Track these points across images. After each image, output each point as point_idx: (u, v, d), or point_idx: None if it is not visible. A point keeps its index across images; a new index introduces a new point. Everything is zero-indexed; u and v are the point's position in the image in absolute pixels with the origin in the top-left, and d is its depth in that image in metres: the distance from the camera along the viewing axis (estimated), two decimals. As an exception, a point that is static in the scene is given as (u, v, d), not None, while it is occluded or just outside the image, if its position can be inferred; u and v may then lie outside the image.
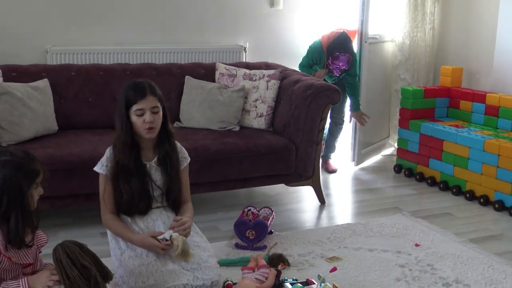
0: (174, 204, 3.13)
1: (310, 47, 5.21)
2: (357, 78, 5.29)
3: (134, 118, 2.94)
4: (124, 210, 3.04)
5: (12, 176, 2.39)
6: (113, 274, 2.57)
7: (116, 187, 3.02)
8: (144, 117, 2.93)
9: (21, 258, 2.50)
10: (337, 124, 5.44)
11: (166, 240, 2.83)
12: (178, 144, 3.16)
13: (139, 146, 3.02)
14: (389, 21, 5.89)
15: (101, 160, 3.05)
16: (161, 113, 2.99)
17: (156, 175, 3.07)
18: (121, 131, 2.96)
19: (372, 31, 5.51)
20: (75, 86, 4.35)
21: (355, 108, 5.31)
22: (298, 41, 5.56)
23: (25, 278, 2.43)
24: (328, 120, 5.22)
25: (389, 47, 5.92)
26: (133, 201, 3.02)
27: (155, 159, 3.08)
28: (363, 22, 5.35)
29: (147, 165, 3.05)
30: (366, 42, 5.40)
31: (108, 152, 3.06)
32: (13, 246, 2.43)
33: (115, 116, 3.00)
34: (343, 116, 5.46)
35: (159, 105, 2.98)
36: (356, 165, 5.60)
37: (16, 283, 2.41)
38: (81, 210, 4.06)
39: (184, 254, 2.79)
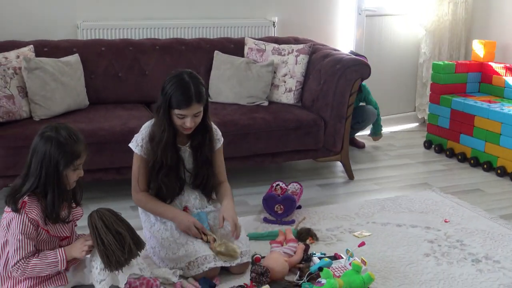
0: (202, 188, 3.17)
1: None
2: (374, 104, 5.24)
3: (174, 117, 2.91)
4: (160, 197, 3.08)
5: (52, 153, 2.44)
6: (145, 243, 2.62)
7: (153, 179, 3.04)
8: (185, 120, 2.91)
9: (58, 231, 2.57)
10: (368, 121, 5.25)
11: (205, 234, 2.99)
12: (213, 126, 3.15)
13: (176, 132, 3.01)
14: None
15: (136, 138, 3.05)
16: (202, 114, 2.96)
17: (189, 160, 3.10)
18: (162, 131, 2.93)
19: (390, 4, 5.60)
20: (105, 61, 4.39)
21: (375, 133, 5.35)
22: (327, 15, 5.52)
23: (62, 248, 2.51)
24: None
25: (410, 21, 5.86)
26: (169, 193, 3.06)
27: (189, 144, 3.09)
28: None
29: (181, 149, 3.07)
30: (360, 14, 5.45)
31: (144, 131, 3.04)
32: (49, 220, 2.50)
33: (155, 105, 2.98)
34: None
35: (202, 109, 2.94)
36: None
37: (53, 252, 2.49)
38: (111, 184, 4.12)
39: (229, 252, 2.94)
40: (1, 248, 2.54)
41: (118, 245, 2.45)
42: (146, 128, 3.06)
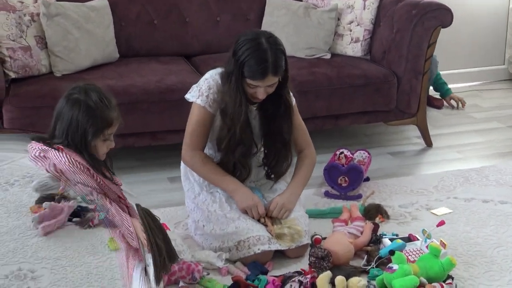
0: (272, 167, 3.17)
1: None
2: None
3: (245, 84, 2.90)
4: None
5: (80, 119, 2.42)
6: (178, 257, 2.54)
7: (228, 158, 3.03)
8: (257, 90, 2.90)
9: (113, 188, 2.49)
10: None
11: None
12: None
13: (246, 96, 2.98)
14: None
15: (198, 87, 3.02)
16: (276, 84, 2.94)
17: (255, 122, 3.09)
18: (239, 105, 2.90)
19: None
20: (138, 5, 4.40)
21: (445, 93, 5.29)
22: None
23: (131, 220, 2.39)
24: None
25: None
26: (244, 173, 3.07)
27: (256, 104, 3.08)
28: None
29: (248, 108, 3.05)
30: None
31: (211, 80, 3.01)
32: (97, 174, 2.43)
33: (226, 68, 2.94)
34: None
35: (277, 80, 2.92)
36: None
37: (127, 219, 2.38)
38: (146, 151, 4.16)
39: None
40: None
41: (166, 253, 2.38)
42: (212, 76, 3.02)
